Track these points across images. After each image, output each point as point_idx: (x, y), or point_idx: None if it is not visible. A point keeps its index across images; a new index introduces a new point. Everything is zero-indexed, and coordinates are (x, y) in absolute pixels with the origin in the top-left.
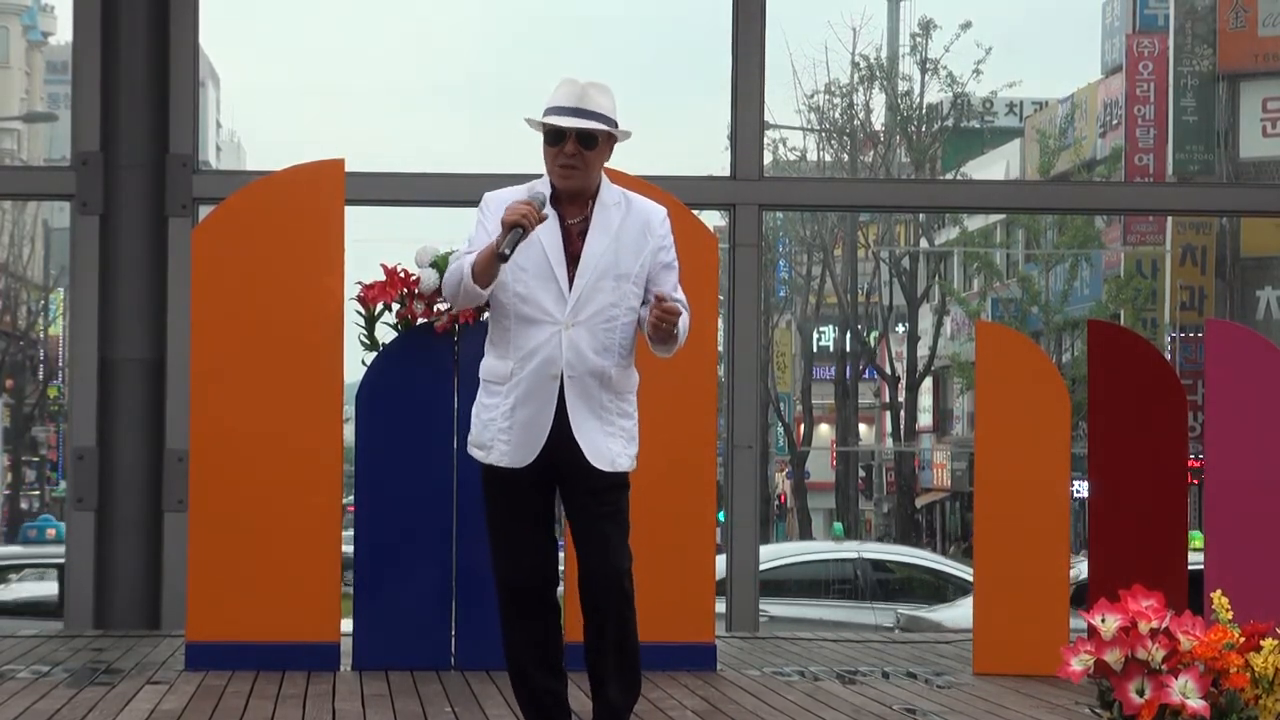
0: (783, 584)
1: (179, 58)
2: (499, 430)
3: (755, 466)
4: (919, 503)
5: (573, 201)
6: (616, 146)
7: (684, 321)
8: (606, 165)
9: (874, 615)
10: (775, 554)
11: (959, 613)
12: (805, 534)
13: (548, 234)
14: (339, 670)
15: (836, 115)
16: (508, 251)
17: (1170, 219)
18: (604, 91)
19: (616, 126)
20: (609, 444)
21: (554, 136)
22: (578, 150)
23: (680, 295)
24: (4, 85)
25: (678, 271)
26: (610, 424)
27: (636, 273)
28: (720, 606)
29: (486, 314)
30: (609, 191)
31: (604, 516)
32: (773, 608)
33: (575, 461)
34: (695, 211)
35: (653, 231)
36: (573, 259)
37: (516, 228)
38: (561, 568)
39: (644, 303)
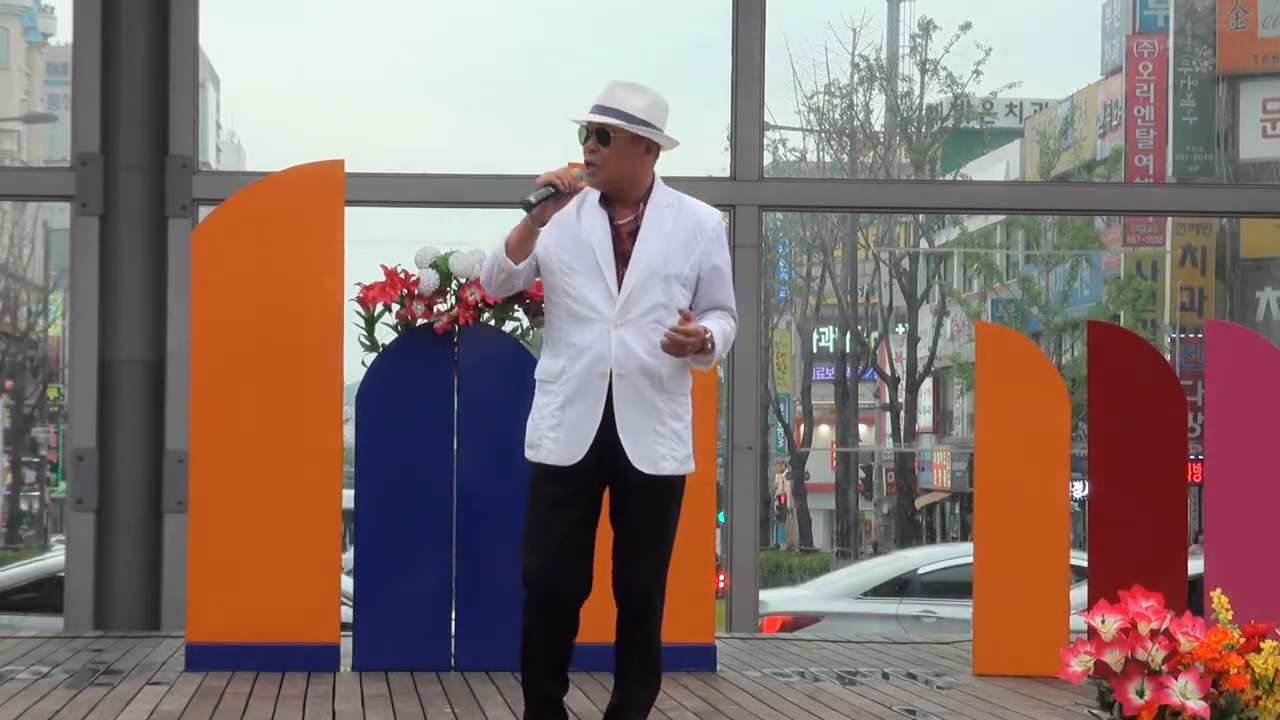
0: (949, 585)
1: (179, 58)
2: (548, 428)
3: (755, 467)
4: (919, 504)
5: (623, 203)
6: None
7: (722, 333)
8: None
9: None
10: (938, 556)
11: None
12: (805, 536)
13: (597, 234)
14: (339, 671)
15: (836, 116)
16: (532, 200)
17: (1170, 220)
18: (632, 90)
19: (639, 124)
20: (655, 445)
21: (581, 136)
22: (596, 147)
23: (730, 303)
24: (4, 86)
25: (729, 274)
26: (661, 424)
27: (686, 274)
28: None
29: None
30: (662, 193)
31: (642, 534)
32: (940, 609)
33: (620, 463)
34: None
35: (704, 234)
36: (622, 259)
37: (549, 185)
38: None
39: (692, 306)
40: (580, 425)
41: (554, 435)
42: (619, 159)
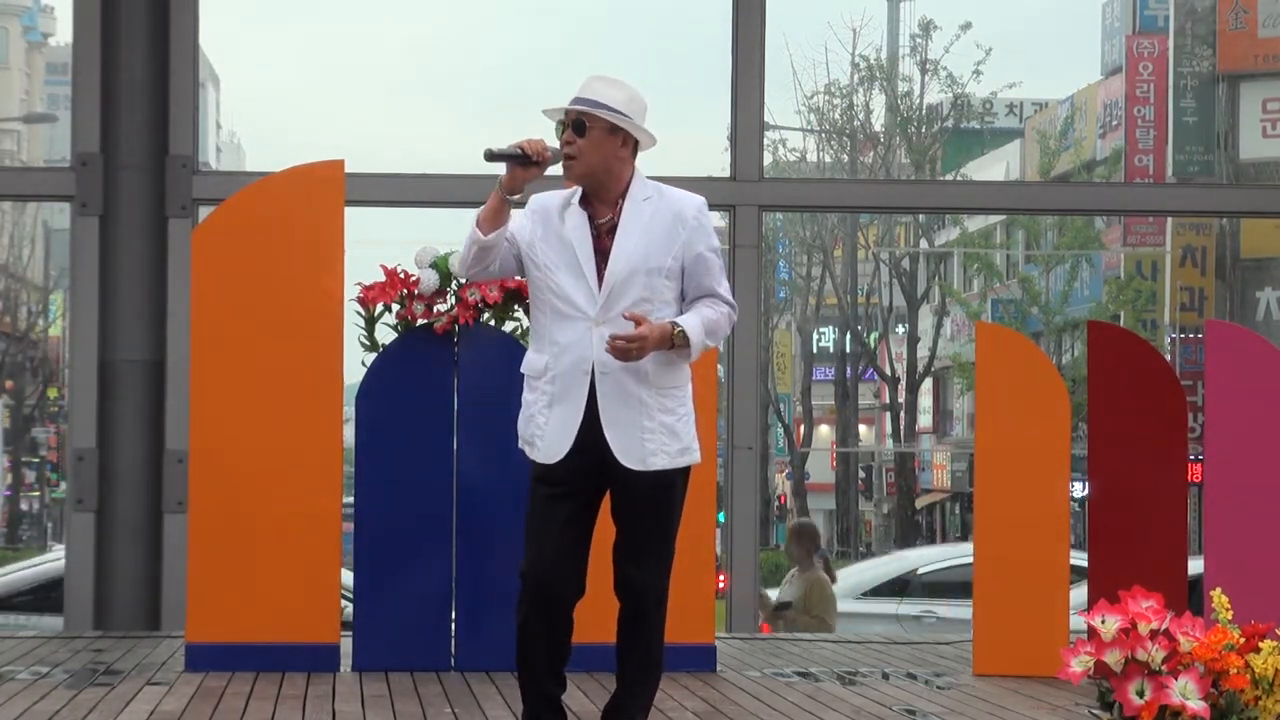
0: (948, 585)
1: (179, 58)
2: (537, 427)
3: (755, 467)
4: (919, 504)
5: (602, 200)
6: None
7: (703, 322)
8: None
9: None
10: (938, 556)
11: None
12: None
13: (577, 233)
14: (339, 671)
15: (836, 116)
16: (493, 150)
17: (1170, 220)
18: (609, 83)
19: (616, 114)
20: (644, 441)
21: (558, 131)
22: (573, 138)
23: (719, 288)
24: (4, 86)
25: (717, 261)
26: (650, 419)
27: (669, 266)
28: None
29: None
30: (641, 187)
31: (640, 532)
32: (940, 609)
33: (611, 461)
34: None
35: (684, 223)
36: (602, 256)
37: (517, 148)
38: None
39: (683, 296)
40: (565, 424)
41: (541, 434)
42: (596, 150)
